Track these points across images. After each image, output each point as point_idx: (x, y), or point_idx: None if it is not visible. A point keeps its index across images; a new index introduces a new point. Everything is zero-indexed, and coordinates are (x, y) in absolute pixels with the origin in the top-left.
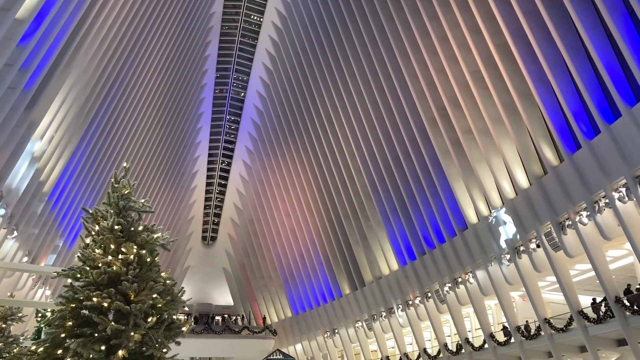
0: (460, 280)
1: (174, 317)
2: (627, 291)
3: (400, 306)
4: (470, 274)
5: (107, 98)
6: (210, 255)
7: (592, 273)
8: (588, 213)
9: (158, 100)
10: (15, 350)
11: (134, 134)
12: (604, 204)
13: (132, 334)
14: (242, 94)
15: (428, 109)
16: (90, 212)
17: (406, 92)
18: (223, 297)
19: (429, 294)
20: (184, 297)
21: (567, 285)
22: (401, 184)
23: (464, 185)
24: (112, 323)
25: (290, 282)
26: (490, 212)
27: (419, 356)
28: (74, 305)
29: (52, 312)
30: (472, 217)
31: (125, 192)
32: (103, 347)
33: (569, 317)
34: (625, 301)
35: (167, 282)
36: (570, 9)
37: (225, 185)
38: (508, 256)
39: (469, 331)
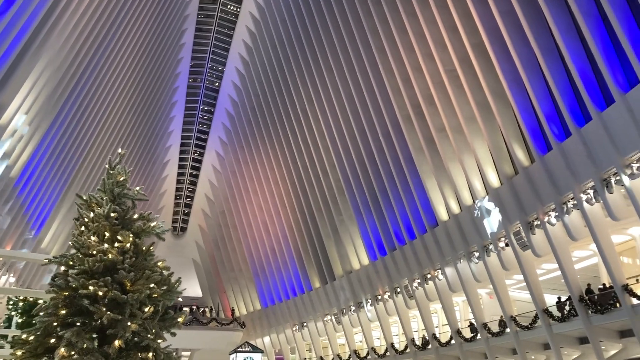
0: (429, 276)
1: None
2: (588, 291)
3: (370, 301)
4: (439, 271)
5: (79, 83)
6: (180, 246)
7: (557, 273)
8: (556, 214)
9: (131, 87)
10: None
11: (105, 120)
12: (572, 205)
13: (129, 323)
14: (217, 84)
15: (403, 106)
16: (84, 198)
17: (382, 88)
18: (192, 289)
19: (398, 290)
20: (180, 288)
21: (533, 284)
22: (374, 179)
23: (436, 182)
24: (108, 312)
25: (261, 275)
26: (461, 209)
27: (386, 351)
28: (67, 293)
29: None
30: (443, 215)
31: (121, 179)
32: (95, 337)
33: (534, 315)
34: (589, 301)
35: (164, 272)
36: (546, 11)
37: (197, 176)
38: (477, 254)
39: (436, 327)
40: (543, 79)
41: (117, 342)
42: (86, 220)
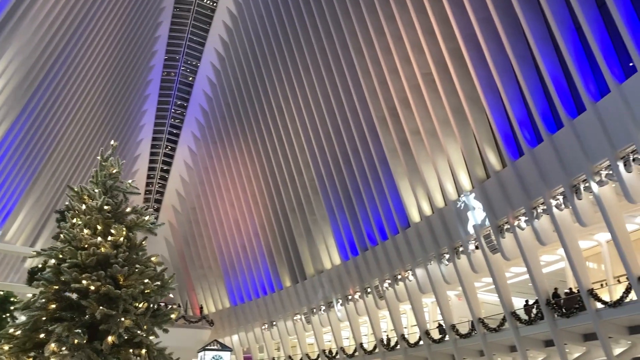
0: (399, 277)
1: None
2: (554, 295)
3: (340, 300)
4: (410, 272)
5: (50, 73)
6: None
7: (525, 276)
8: (526, 218)
9: (103, 79)
10: None
11: (75, 111)
12: (541, 210)
13: (122, 319)
14: (191, 78)
15: (379, 107)
16: (76, 189)
17: (358, 89)
18: None
19: (369, 290)
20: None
21: (502, 287)
22: (348, 179)
23: (409, 184)
24: (101, 307)
25: (231, 273)
26: (433, 211)
27: (355, 351)
28: (57, 287)
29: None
30: (415, 216)
31: (114, 172)
32: (84, 333)
33: (502, 318)
34: (555, 305)
35: (157, 267)
36: (522, 19)
37: (168, 171)
38: (447, 256)
39: (405, 327)
40: (517, 85)
41: (110, 338)
42: (77, 212)
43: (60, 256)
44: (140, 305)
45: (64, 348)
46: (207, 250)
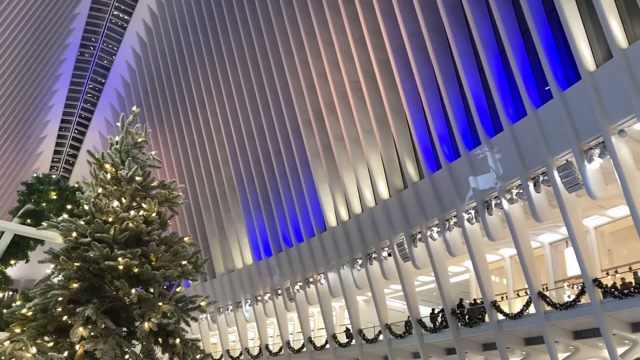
0: (311, 280)
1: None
2: (459, 305)
3: (249, 301)
4: (322, 275)
5: None
6: None
7: (430, 285)
8: (439, 229)
9: (11, 53)
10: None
11: None
12: (453, 223)
13: (160, 304)
14: (107, 61)
15: (304, 110)
16: (96, 156)
17: (285, 90)
18: None
19: (279, 291)
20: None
21: (410, 295)
22: (268, 179)
23: (328, 188)
24: (136, 289)
25: None
26: (350, 217)
27: (260, 352)
28: (78, 264)
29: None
30: (332, 220)
31: (140, 140)
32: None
33: (408, 325)
34: (460, 314)
35: (191, 248)
36: (450, 37)
37: (75, 156)
38: (360, 261)
39: (312, 330)
40: (440, 101)
41: (147, 325)
42: (101, 181)
43: (81, 230)
44: (179, 290)
45: (92, 333)
46: None
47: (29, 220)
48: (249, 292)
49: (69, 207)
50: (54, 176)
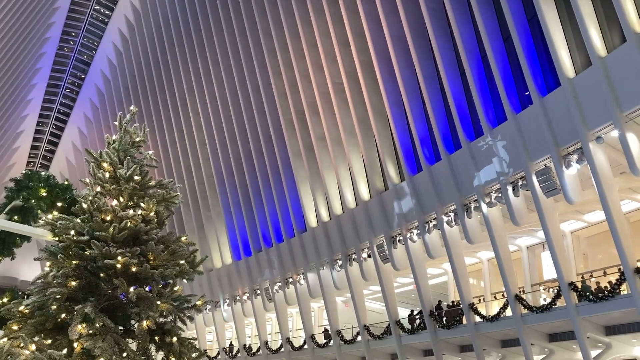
0: (291, 280)
1: None
2: (438, 307)
3: (227, 300)
4: (302, 276)
5: None
6: None
7: (409, 287)
8: (419, 231)
9: None
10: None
11: None
12: (433, 225)
13: (159, 302)
14: (88, 56)
15: (287, 110)
16: (95, 155)
17: (268, 90)
18: (32, 272)
19: (258, 291)
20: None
21: (389, 296)
22: (249, 179)
23: (309, 189)
24: (134, 288)
25: None
26: (331, 218)
27: (237, 352)
28: (76, 262)
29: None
30: (312, 221)
31: (137, 140)
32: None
33: (386, 326)
34: (438, 316)
35: (189, 247)
36: (434, 42)
37: (53, 152)
38: (340, 262)
39: (290, 331)
40: (422, 104)
41: (145, 323)
42: (100, 180)
43: (78, 229)
44: (176, 289)
45: (91, 331)
46: None
47: (16, 217)
48: (228, 292)
49: (59, 204)
50: (43, 173)
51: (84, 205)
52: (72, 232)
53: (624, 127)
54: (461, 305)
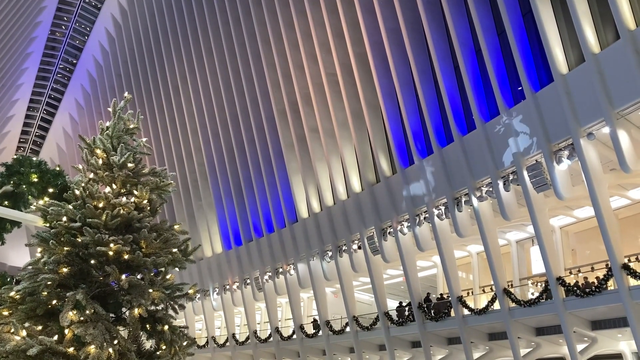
0: (281, 270)
1: None
2: (426, 299)
3: (217, 289)
4: (292, 266)
5: None
6: None
7: (398, 279)
8: (409, 224)
9: None
10: None
11: None
12: (424, 218)
13: (151, 290)
14: (80, 41)
15: (280, 101)
16: (88, 141)
17: (261, 80)
18: (21, 258)
19: (248, 281)
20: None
21: (378, 288)
22: (240, 168)
23: (301, 180)
24: (126, 276)
25: None
26: (322, 209)
27: (226, 341)
28: (68, 249)
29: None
30: (303, 212)
31: (131, 127)
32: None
33: (375, 317)
34: (427, 308)
35: (181, 236)
36: (428, 35)
37: (43, 137)
38: (330, 253)
39: (279, 321)
40: (416, 97)
41: (136, 311)
42: (92, 167)
43: (70, 215)
44: (169, 277)
45: (82, 317)
46: None
47: (6, 202)
48: (218, 281)
49: (50, 190)
50: (34, 158)
51: (77, 192)
52: (64, 219)
53: (615, 123)
54: (450, 298)
